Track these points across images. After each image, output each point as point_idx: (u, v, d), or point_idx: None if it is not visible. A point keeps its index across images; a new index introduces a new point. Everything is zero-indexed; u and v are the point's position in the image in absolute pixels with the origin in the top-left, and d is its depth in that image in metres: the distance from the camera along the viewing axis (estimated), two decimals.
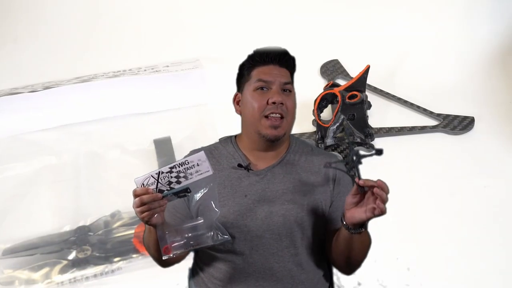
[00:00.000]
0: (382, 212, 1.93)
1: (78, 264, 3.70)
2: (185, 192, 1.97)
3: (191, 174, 1.95)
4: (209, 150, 2.29)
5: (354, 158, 1.92)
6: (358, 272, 3.46)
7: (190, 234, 2.03)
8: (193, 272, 2.35)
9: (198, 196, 2.07)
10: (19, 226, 3.99)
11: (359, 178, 1.94)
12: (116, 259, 3.71)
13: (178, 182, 1.95)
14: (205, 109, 4.74)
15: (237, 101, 2.29)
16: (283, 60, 2.22)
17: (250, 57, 2.26)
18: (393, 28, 5.62)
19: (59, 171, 4.44)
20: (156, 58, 5.44)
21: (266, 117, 2.15)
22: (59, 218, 4.02)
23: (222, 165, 2.22)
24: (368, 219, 1.96)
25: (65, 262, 3.71)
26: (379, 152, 1.90)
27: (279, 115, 2.15)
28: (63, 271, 3.67)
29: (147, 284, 3.49)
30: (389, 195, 1.89)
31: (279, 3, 5.88)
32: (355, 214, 1.97)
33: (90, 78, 5.17)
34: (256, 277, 2.16)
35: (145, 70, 5.22)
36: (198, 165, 1.94)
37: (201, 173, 1.95)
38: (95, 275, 3.66)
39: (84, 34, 5.79)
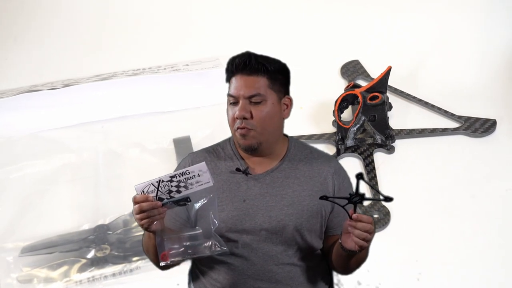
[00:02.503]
0: (361, 247, 1.97)
1: (96, 263, 3.71)
2: (185, 201, 1.98)
3: (191, 184, 1.96)
4: (208, 153, 2.26)
5: (357, 199, 1.92)
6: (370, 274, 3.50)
7: (188, 243, 2.04)
8: (193, 274, 2.35)
9: (197, 205, 2.06)
10: (38, 224, 4.00)
11: (355, 212, 1.95)
12: (135, 259, 3.72)
13: (178, 192, 1.96)
14: (225, 108, 4.73)
15: None
16: (249, 68, 2.11)
17: (226, 67, 2.20)
18: (414, 29, 5.59)
19: (78, 169, 4.44)
20: (176, 56, 5.44)
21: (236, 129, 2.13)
22: (78, 217, 4.03)
23: (220, 169, 2.20)
24: (358, 251, 1.99)
25: (84, 260, 3.72)
26: (388, 199, 1.88)
27: (245, 128, 2.10)
28: (81, 269, 3.68)
29: (164, 283, 3.48)
30: (409, 198, 1.86)
31: (300, 3, 5.86)
32: (348, 240, 2.00)
33: (109, 76, 5.17)
34: (256, 279, 2.16)
35: (164, 69, 5.22)
36: (198, 175, 1.95)
37: (202, 184, 1.97)
38: (113, 274, 3.66)
39: (104, 32, 5.79)
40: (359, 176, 1.87)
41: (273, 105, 2.15)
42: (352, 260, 2.11)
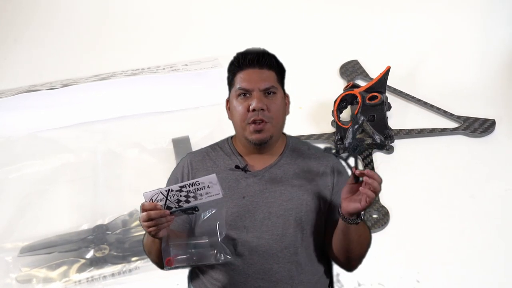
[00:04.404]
0: (371, 199, 1.95)
1: (96, 263, 3.70)
2: (193, 210, 1.98)
3: (200, 195, 1.96)
4: (206, 152, 2.30)
5: (356, 148, 1.93)
6: (369, 273, 3.50)
7: (193, 250, 2.05)
8: (193, 274, 2.34)
9: (205, 215, 2.07)
10: (37, 224, 3.99)
11: (357, 168, 1.97)
12: (134, 259, 3.71)
13: (187, 202, 1.96)
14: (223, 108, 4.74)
15: (228, 107, 2.26)
16: (261, 62, 2.18)
17: (231, 62, 2.24)
18: (414, 29, 5.59)
19: (77, 169, 4.43)
20: (175, 56, 5.43)
21: (250, 124, 2.15)
22: (77, 217, 4.02)
23: (219, 167, 2.22)
24: (363, 208, 1.98)
25: (83, 260, 3.71)
26: (382, 145, 1.90)
27: (261, 121, 2.14)
28: (80, 270, 3.67)
29: (163, 283, 3.47)
30: (408, 198, 1.87)
31: (299, 3, 5.86)
32: (350, 203, 2.00)
33: (108, 76, 5.16)
34: (256, 278, 2.16)
35: (163, 69, 5.22)
36: (208, 187, 1.95)
37: (211, 195, 1.96)
38: (112, 274, 3.66)
39: (103, 32, 5.79)
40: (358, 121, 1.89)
41: (282, 98, 2.22)
42: (354, 236, 2.09)
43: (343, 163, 2.06)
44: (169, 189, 1.94)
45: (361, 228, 2.09)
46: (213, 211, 2.04)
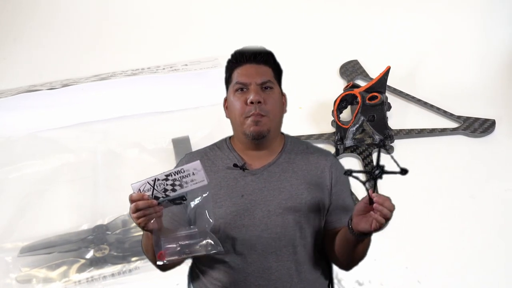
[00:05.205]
0: (381, 225, 1.93)
1: (95, 263, 3.70)
2: (181, 199, 1.98)
3: (186, 182, 1.95)
4: (204, 153, 2.28)
5: (377, 172, 1.90)
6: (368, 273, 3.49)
7: (184, 242, 2.03)
8: (192, 273, 2.34)
9: (193, 204, 2.05)
10: (37, 224, 4.00)
11: (374, 190, 1.93)
12: (133, 259, 3.71)
13: (174, 190, 1.95)
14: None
15: (226, 106, 2.26)
16: (258, 58, 2.20)
17: (228, 60, 2.25)
18: (414, 29, 5.58)
19: (77, 169, 4.44)
20: (175, 56, 5.43)
21: (248, 117, 2.15)
22: (77, 217, 4.03)
23: (218, 167, 2.22)
24: (372, 231, 1.96)
25: (82, 261, 3.72)
26: (404, 171, 1.88)
27: (259, 114, 2.14)
28: (80, 270, 3.68)
29: (163, 283, 3.47)
30: (408, 198, 1.86)
31: (300, 3, 5.86)
32: (361, 222, 1.97)
33: (108, 76, 5.17)
34: (256, 276, 2.16)
35: (163, 69, 5.22)
36: (193, 174, 1.94)
37: (196, 183, 1.96)
38: (112, 274, 3.66)
39: (103, 32, 5.80)
40: (381, 144, 1.87)
41: (279, 94, 2.23)
42: (359, 247, 2.10)
43: (360, 183, 1.98)
44: (155, 179, 1.94)
45: (368, 240, 2.09)
46: (200, 199, 2.03)
